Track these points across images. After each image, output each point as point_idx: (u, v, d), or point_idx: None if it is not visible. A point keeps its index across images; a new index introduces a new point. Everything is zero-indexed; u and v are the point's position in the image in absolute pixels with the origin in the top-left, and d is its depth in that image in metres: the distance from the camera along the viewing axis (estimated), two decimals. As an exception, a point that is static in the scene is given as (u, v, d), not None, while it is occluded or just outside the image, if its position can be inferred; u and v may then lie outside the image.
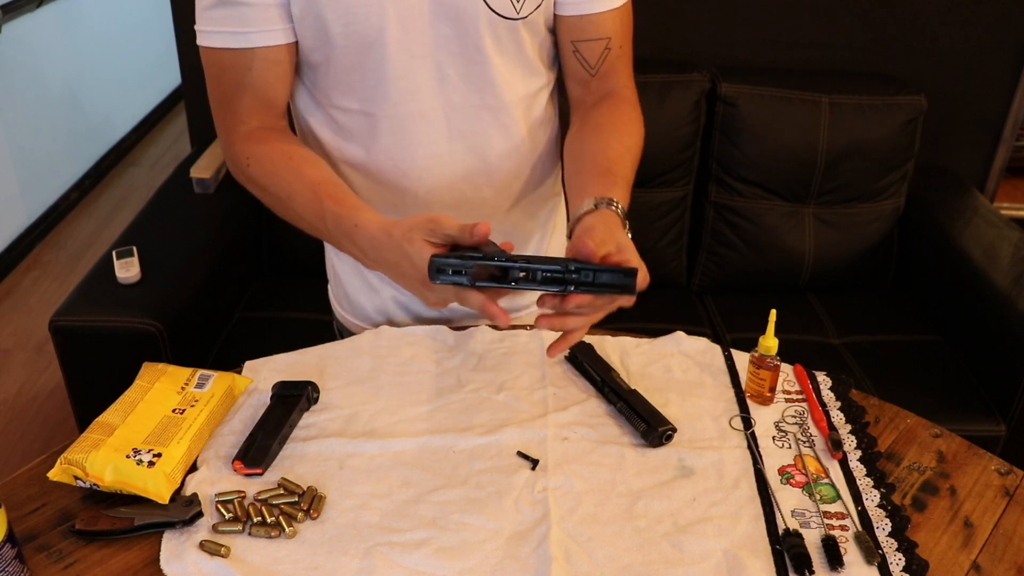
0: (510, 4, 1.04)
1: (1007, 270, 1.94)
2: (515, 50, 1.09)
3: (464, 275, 0.86)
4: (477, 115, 1.11)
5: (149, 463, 0.90)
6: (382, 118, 1.09)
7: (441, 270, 0.86)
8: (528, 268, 0.86)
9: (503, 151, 1.15)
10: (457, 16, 1.03)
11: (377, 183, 1.14)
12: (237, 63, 1.03)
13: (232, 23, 1.01)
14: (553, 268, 0.86)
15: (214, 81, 1.07)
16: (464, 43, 1.05)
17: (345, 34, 1.02)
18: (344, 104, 1.10)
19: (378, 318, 1.28)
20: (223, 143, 1.11)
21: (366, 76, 1.06)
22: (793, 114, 2.13)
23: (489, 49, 1.06)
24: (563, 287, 0.86)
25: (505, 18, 1.05)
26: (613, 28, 1.12)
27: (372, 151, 1.12)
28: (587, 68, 1.14)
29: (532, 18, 1.07)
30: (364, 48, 1.04)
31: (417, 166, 1.12)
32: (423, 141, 1.11)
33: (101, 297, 1.76)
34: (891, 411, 1.09)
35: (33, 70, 3.33)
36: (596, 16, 1.10)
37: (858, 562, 0.87)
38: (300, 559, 0.85)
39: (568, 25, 1.11)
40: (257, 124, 1.07)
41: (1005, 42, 2.27)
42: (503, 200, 1.19)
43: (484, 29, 1.05)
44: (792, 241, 2.20)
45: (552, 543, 0.86)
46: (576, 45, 1.12)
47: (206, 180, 2.13)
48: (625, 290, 0.86)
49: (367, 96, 1.08)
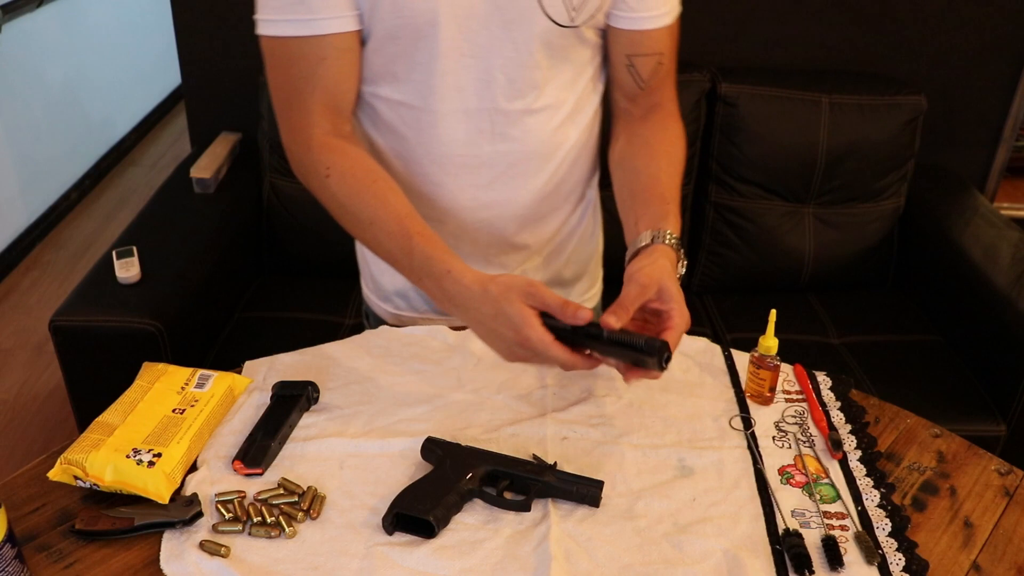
0: (566, 13, 1.04)
1: (1007, 270, 1.94)
2: (565, 58, 1.09)
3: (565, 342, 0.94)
4: (521, 119, 1.10)
5: (149, 463, 0.90)
6: (425, 112, 1.09)
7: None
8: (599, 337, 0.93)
9: (542, 157, 1.15)
10: (513, 20, 1.03)
11: (412, 175, 1.14)
12: (309, 54, 1.01)
13: (299, 10, 0.99)
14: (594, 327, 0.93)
15: (281, 75, 1.04)
16: (517, 47, 1.05)
17: (398, 25, 1.01)
18: (386, 93, 1.09)
19: (399, 301, 1.28)
20: (291, 144, 1.08)
21: (413, 69, 1.05)
22: (793, 114, 2.13)
23: (540, 55, 1.06)
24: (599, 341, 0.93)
25: (560, 26, 1.05)
26: (665, 44, 1.13)
27: (410, 144, 1.12)
28: (639, 82, 1.14)
29: (583, 28, 1.07)
30: (415, 40, 1.03)
31: (454, 163, 1.12)
32: (463, 139, 1.10)
33: (101, 297, 1.76)
34: (891, 411, 1.09)
35: (33, 70, 3.33)
36: (652, 31, 1.10)
37: (858, 562, 0.87)
38: (300, 559, 0.85)
39: (623, 39, 1.11)
40: (329, 128, 1.05)
41: (1005, 42, 2.27)
42: (536, 204, 1.18)
43: (538, 35, 1.04)
44: (792, 241, 2.20)
45: (552, 543, 0.86)
46: (631, 59, 1.12)
47: (206, 180, 2.13)
48: (642, 363, 0.92)
49: (412, 89, 1.07)
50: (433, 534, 0.87)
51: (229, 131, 2.35)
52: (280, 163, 2.15)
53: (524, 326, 0.91)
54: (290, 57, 1.02)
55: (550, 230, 1.23)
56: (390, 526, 0.87)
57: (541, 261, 1.26)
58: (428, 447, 0.96)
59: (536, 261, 1.25)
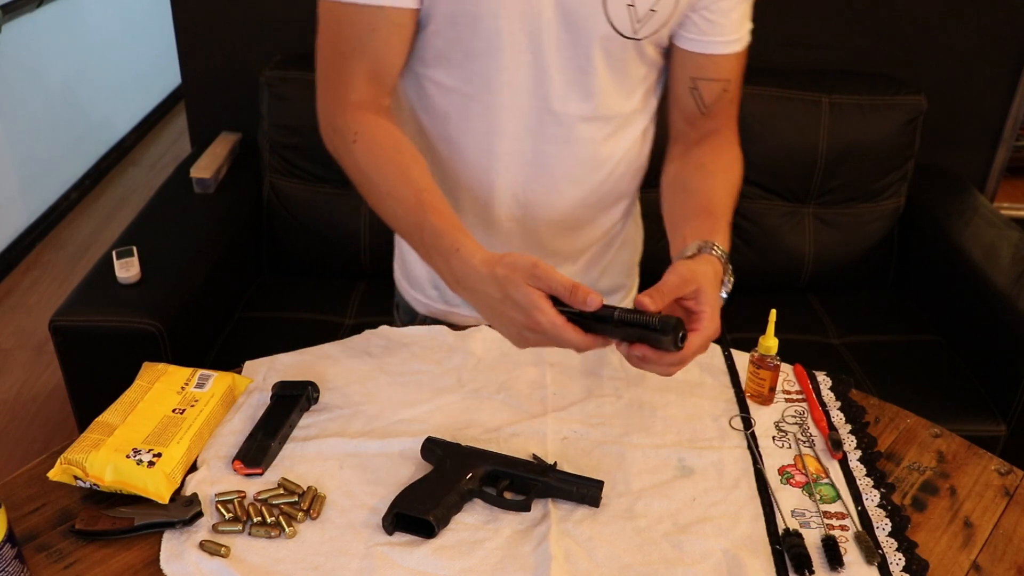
0: (630, 24, 1.03)
1: (1007, 270, 1.94)
2: (621, 69, 1.08)
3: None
4: (571, 124, 1.10)
5: (149, 463, 0.90)
6: (476, 101, 1.08)
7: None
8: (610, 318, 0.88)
9: (588, 166, 1.14)
10: (576, 23, 1.02)
11: (456, 163, 1.13)
12: (361, 21, 1.01)
13: None
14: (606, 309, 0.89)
15: (330, 37, 1.04)
16: (576, 50, 1.04)
17: (459, 11, 1.01)
18: (440, 78, 1.09)
19: (431, 291, 1.27)
20: (325, 106, 1.07)
21: (470, 57, 1.05)
22: (793, 114, 2.13)
23: (598, 61, 1.05)
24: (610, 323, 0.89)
25: (622, 36, 1.04)
26: (733, 71, 1.11)
27: (457, 131, 1.11)
28: (701, 106, 1.12)
29: (645, 43, 1.06)
30: (474, 28, 1.02)
31: (498, 157, 1.11)
32: (510, 134, 1.10)
33: (101, 297, 1.76)
34: (891, 411, 1.09)
35: (33, 70, 3.33)
36: (719, 57, 1.09)
37: (858, 562, 0.87)
38: (300, 559, 0.85)
39: (689, 60, 1.10)
40: (368, 98, 1.04)
41: (1005, 42, 2.27)
42: (574, 212, 1.17)
43: (598, 42, 1.04)
44: (792, 241, 2.20)
45: (552, 543, 0.86)
46: (696, 82, 1.11)
47: (206, 180, 2.13)
48: (657, 331, 0.86)
49: (466, 76, 1.07)
50: (433, 534, 0.87)
51: (229, 131, 2.35)
52: (280, 163, 2.15)
53: (533, 309, 0.87)
54: (343, 21, 1.02)
55: (587, 240, 1.22)
56: (390, 526, 0.87)
57: (576, 270, 1.25)
58: (428, 447, 0.96)
59: (570, 269, 1.24)
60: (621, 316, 0.87)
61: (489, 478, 0.93)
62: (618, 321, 0.88)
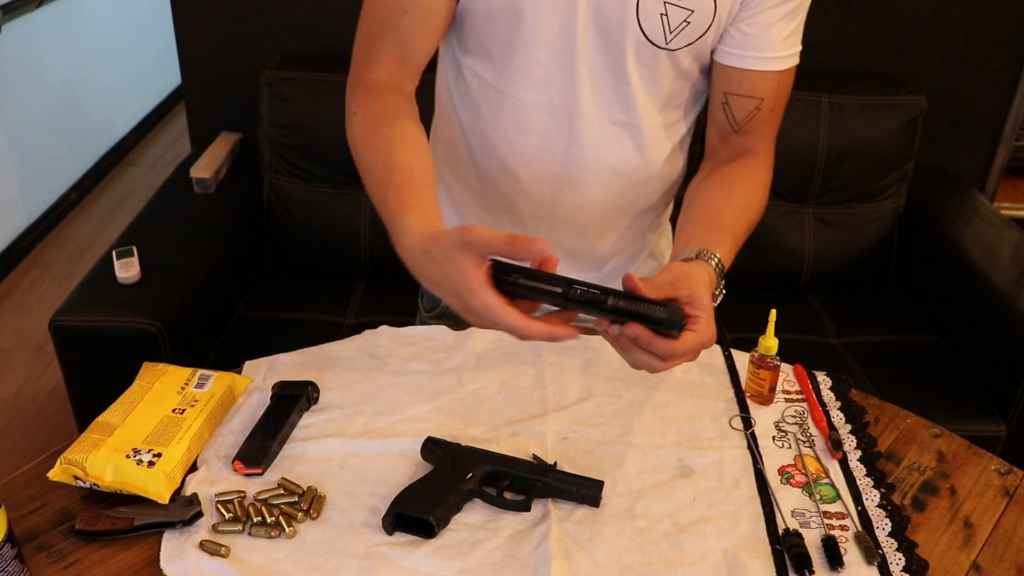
0: (661, 32, 1.02)
1: (1007, 270, 1.94)
2: (653, 78, 1.07)
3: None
4: (602, 127, 1.09)
5: (149, 463, 0.90)
6: (509, 96, 1.08)
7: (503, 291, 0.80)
8: (568, 287, 0.79)
9: (616, 173, 1.13)
10: (607, 26, 1.02)
11: (485, 156, 1.13)
12: (394, 3, 1.01)
13: None
14: (593, 290, 0.80)
15: (366, 16, 1.04)
16: (608, 54, 1.04)
17: (498, 7, 1.01)
18: (479, 70, 1.09)
19: None
20: (349, 80, 1.06)
21: (506, 52, 1.05)
22: (793, 114, 2.11)
23: (630, 67, 1.05)
24: (600, 309, 0.80)
25: (652, 44, 1.03)
26: (768, 90, 1.08)
27: (488, 125, 1.11)
28: (731, 122, 1.11)
29: (679, 54, 1.05)
30: (512, 25, 1.02)
31: (526, 154, 1.11)
32: (541, 133, 1.10)
33: (101, 297, 1.76)
34: (891, 411, 1.09)
35: (33, 70, 3.33)
36: (753, 73, 1.06)
37: (858, 562, 0.87)
38: (300, 559, 0.85)
39: (723, 74, 1.08)
40: (389, 77, 1.03)
41: (1005, 42, 2.27)
42: (599, 218, 1.16)
43: (629, 47, 1.03)
44: (792, 241, 2.19)
45: (552, 542, 0.86)
46: (727, 97, 1.09)
47: (206, 180, 2.13)
48: (661, 324, 0.80)
49: (501, 72, 1.07)
50: (433, 534, 0.87)
51: (229, 131, 2.35)
52: (280, 163, 2.15)
53: (466, 293, 0.78)
54: (377, 2, 1.03)
55: (611, 247, 1.22)
56: (390, 526, 0.87)
57: (600, 277, 1.24)
58: (428, 447, 0.96)
59: (594, 276, 1.23)
60: (616, 304, 0.79)
61: (489, 478, 0.93)
62: (613, 309, 0.79)
